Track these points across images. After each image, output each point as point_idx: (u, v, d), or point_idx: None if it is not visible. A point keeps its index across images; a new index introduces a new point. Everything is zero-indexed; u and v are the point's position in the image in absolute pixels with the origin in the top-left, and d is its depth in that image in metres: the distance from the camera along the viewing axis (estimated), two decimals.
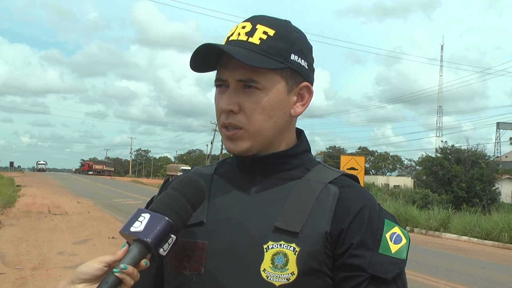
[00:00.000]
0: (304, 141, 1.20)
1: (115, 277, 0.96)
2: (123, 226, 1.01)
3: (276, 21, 1.14)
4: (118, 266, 0.97)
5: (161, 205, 1.03)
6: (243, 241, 1.07)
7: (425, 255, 11.97)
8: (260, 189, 1.13)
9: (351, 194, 1.10)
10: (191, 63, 1.12)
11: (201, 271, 1.08)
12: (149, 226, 0.99)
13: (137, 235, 0.99)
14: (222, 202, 1.13)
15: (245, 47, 1.09)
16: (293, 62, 1.12)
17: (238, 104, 1.10)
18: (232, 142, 1.13)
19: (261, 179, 1.14)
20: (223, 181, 1.18)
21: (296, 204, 1.08)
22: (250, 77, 1.09)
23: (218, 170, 1.22)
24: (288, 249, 1.04)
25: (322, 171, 1.15)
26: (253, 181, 1.15)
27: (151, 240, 0.98)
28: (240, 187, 1.15)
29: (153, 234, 0.99)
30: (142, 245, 0.99)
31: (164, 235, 1.00)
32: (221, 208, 1.13)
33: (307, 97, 1.17)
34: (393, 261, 1.05)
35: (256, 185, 1.14)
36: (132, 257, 0.98)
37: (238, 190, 1.15)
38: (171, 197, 1.04)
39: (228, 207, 1.12)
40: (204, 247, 1.09)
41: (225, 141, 1.14)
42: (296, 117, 1.18)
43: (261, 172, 1.15)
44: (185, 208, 1.04)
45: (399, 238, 1.08)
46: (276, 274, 1.03)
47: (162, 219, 1.00)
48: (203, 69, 1.15)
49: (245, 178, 1.16)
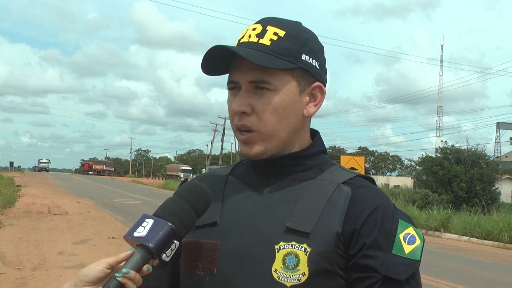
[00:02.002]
0: (319, 142, 1.20)
1: (116, 281, 0.96)
2: (127, 231, 1.02)
3: (287, 22, 1.14)
4: (120, 270, 0.97)
5: (165, 211, 1.04)
6: (255, 242, 1.07)
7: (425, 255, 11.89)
8: (274, 190, 1.13)
9: (364, 195, 1.09)
10: (202, 66, 1.13)
11: (213, 271, 1.09)
12: (152, 232, 1.00)
13: (140, 240, 0.99)
14: (235, 203, 1.14)
15: (256, 49, 1.09)
16: (304, 62, 1.12)
17: (250, 105, 1.10)
18: (247, 146, 1.13)
19: (275, 180, 1.14)
20: (238, 181, 1.18)
21: (308, 205, 1.08)
22: (262, 78, 1.09)
23: (234, 171, 1.23)
24: (299, 250, 1.04)
25: (336, 172, 1.15)
26: (267, 182, 1.15)
27: (153, 245, 0.99)
28: (254, 188, 1.15)
29: (155, 239, 0.99)
30: (145, 250, 0.99)
31: (167, 241, 1.00)
32: (234, 209, 1.13)
33: (320, 97, 1.16)
34: (406, 262, 1.04)
35: (270, 186, 1.14)
36: (134, 262, 0.99)
37: (252, 190, 1.15)
38: (175, 203, 1.05)
39: (241, 207, 1.13)
40: (217, 248, 1.09)
41: (239, 144, 1.15)
42: (309, 118, 1.18)
43: (275, 173, 1.15)
44: (189, 214, 1.04)
45: (413, 239, 1.07)
46: (287, 275, 1.03)
47: (165, 225, 1.01)
48: (215, 72, 1.15)
49: (259, 179, 1.16)
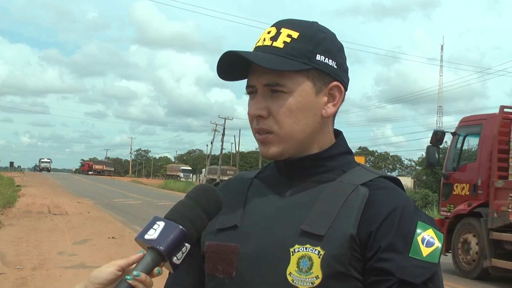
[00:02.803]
0: (341, 143, 1.18)
1: (127, 284, 0.96)
2: (138, 233, 1.02)
3: (302, 23, 1.13)
4: (130, 273, 0.97)
5: (176, 214, 1.03)
6: (271, 244, 1.07)
7: None
8: (294, 192, 1.12)
9: (382, 196, 1.07)
10: (218, 72, 1.13)
11: (232, 274, 1.09)
12: (163, 234, 0.99)
13: (151, 242, 0.99)
14: (256, 206, 1.14)
15: (269, 52, 1.09)
16: (319, 62, 1.11)
17: (266, 108, 1.10)
18: (264, 146, 1.13)
19: (297, 182, 1.14)
20: (262, 184, 1.18)
21: (324, 207, 1.07)
22: (276, 81, 1.09)
23: (260, 174, 1.22)
24: (313, 253, 1.03)
25: (358, 173, 1.13)
26: (290, 185, 1.14)
27: (164, 248, 0.98)
28: (276, 190, 1.15)
29: (166, 242, 0.99)
30: (155, 252, 0.99)
31: (178, 244, 1.00)
32: (255, 212, 1.13)
33: (338, 97, 1.15)
34: (424, 265, 1.02)
35: (292, 188, 1.13)
36: (145, 264, 0.98)
37: (274, 193, 1.14)
38: (186, 206, 1.05)
39: (262, 210, 1.12)
40: (236, 251, 1.10)
41: (259, 145, 1.15)
42: (330, 118, 1.16)
43: (297, 176, 1.14)
44: (200, 217, 1.04)
45: (432, 241, 1.05)
46: (301, 278, 1.02)
47: (176, 228, 1.00)
48: (233, 77, 1.16)
49: (283, 181, 1.15)
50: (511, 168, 8.56)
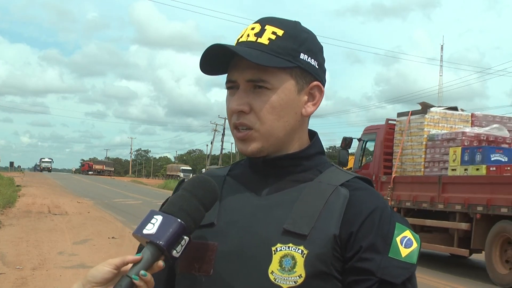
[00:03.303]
0: (317, 143, 1.19)
1: (129, 281, 0.96)
2: (136, 228, 1.02)
3: (285, 21, 1.14)
4: (136, 272, 0.97)
5: (173, 207, 1.03)
6: (252, 243, 1.07)
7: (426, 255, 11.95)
8: (272, 191, 1.13)
9: (361, 197, 1.09)
10: (201, 66, 1.13)
11: (210, 272, 1.08)
12: (162, 228, 0.99)
13: (150, 237, 0.99)
14: (233, 204, 1.13)
15: (254, 48, 1.09)
16: (303, 61, 1.12)
17: (248, 104, 1.10)
18: (244, 143, 1.12)
19: (273, 181, 1.14)
20: (236, 182, 1.17)
21: (306, 207, 1.08)
22: (260, 77, 1.09)
23: (231, 172, 1.22)
24: (296, 252, 1.03)
25: (334, 174, 1.14)
26: (265, 183, 1.14)
27: (163, 243, 0.98)
28: (252, 189, 1.15)
29: (165, 236, 0.99)
30: (155, 247, 0.99)
31: (177, 237, 1.00)
32: (232, 210, 1.12)
33: (318, 96, 1.16)
34: (403, 265, 1.05)
35: (268, 187, 1.13)
36: (145, 260, 0.99)
37: (250, 192, 1.14)
38: (183, 198, 1.05)
39: (239, 209, 1.12)
40: (214, 249, 1.09)
41: (237, 142, 1.15)
42: (307, 117, 1.17)
43: (273, 174, 1.14)
44: (198, 209, 1.04)
45: (410, 242, 1.07)
46: (284, 277, 1.03)
47: (175, 221, 1.00)
48: (214, 71, 1.15)
49: (257, 180, 1.15)
50: (394, 167, 10.83)
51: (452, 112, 10.73)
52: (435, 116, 10.49)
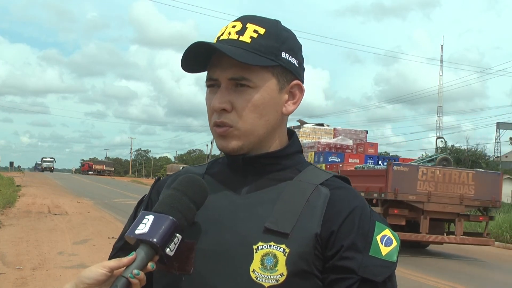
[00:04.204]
0: (296, 142, 1.20)
1: (125, 279, 0.96)
2: (128, 230, 1.01)
3: (266, 20, 1.15)
4: (126, 271, 0.98)
5: (164, 206, 1.03)
6: (233, 242, 1.07)
7: (426, 255, 11.96)
8: (251, 190, 1.13)
9: (342, 196, 1.10)
10: (182, 63, 1.12)
11: (190, 271, 1.08)
12: (154, 227, 0.99)
13: (143, 236, 0.99)
14: (213, 202, 1.12)
15: (236, 46, 1.09)
16: (284, 60, 1.12)
17: (230, 102, 1.10)
18: (224, 140, 1.12)
19: (252, 179, 1.14)
20: (214, 181, 1.17)
21: (287, 206, 1.08)
22: (242, 75, 1.09)
23: (209, 170, 1.21)
24: (278, 250, 1.04)
25: (313, 173, 1.15)
26: (244, 182, 1.14)
27: (157, 240, 0.98)
28: (231, 187, 1.14)
29: (158, 234, 0.98)
30: (148, 246, 0.99)
31: (170, 235, 1.00)
32: (211, 208, 1.12)
33: (299, 95, 1.17)
34: (383, 263, 1.06)
35: (247, 185, 1.13)
36: (139, 260, 0.98)
37: (229, 190, 1.14)
38: (173, 197, 1.05)
39: (219, 207, 1.12)
40: (193, 247, 1.09)
41: (216, 139, 1.14)
42: (287, 116, 1.18)
43: (252, 172, 1.14)
44: (188, 206, 1.04)
45: (390, 241, 1.08)
46: (265, 275, 1.03)
47: (167, 219, 1.00)
48: (195, 69, 1.15)
49: (236, 178, 1.15)
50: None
51: (319, 127, 15.18)
52: (307, 130, 14.75)
